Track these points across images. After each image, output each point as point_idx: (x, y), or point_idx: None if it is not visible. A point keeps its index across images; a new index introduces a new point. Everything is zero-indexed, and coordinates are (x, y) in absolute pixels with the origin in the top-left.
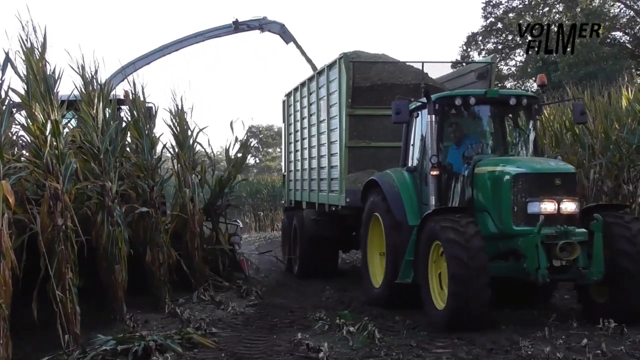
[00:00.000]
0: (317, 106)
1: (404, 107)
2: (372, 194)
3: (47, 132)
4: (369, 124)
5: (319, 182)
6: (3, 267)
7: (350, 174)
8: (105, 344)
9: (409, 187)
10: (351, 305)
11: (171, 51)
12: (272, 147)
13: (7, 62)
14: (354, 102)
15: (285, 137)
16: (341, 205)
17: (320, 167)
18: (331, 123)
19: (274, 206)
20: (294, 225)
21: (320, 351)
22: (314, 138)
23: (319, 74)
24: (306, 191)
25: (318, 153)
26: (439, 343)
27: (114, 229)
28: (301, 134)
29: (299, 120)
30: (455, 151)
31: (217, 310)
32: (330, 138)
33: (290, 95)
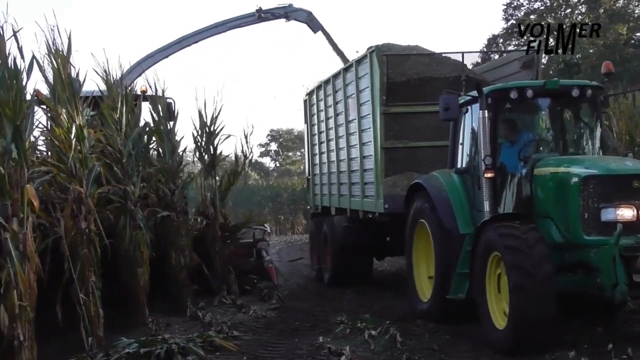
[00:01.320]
0: (344, 105)
1: (453, 102)
2: (417, 199)
3: (72, 136)
4: (406, 122)
5: (350, 187)
6: (28, 271)
7: (387, 177)
8: (128, 346)
9: (459, 190)
10: (372, 308)
11: (190, 43)
12: (292, 150)
13: (33, 65)
14: (388, 99)
15: (308, 138)
16: (378, 213)
17: (351, 170)
18: (362, 123)
19: (294, 210)
20: (324, 232)
21: (342, 355)
22: (342, 139)
23: (345, 70)
24: (335, 196)
25: (348, 155)
26: (461, 347)
27: (136, 233)
28: (326, 135)
29: (323, 120)
30: (509, 150)
31: (238, 314)
32: (362, 139)
33: (313, 93)
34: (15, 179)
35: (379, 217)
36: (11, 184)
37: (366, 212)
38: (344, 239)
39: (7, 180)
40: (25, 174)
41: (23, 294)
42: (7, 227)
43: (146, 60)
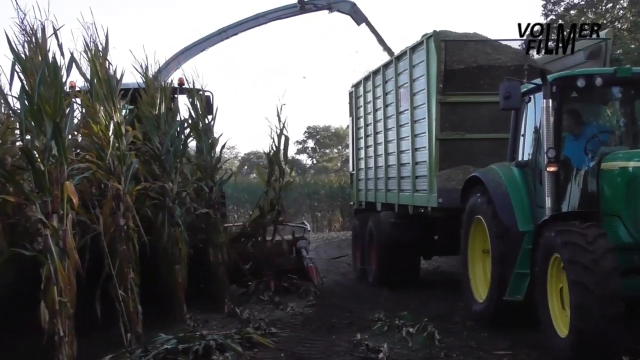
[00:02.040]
0: (395, 95)
1: (514, 90)
2: (474, 193)
3: (110, 133)
4: (463, 112)
5: (399, 181)
6: (67, 267)
7: (441, 170)
8: (167, 342)
9: (519, 185)
10: (410, 306)
11: (230, 35)
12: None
13: (72, 62)
14: (445, 88)
15: (353, 132)
16: (431, 207)
17: (400, 163)
18: (416, 113)
19: (331, 207)
20: (369, 229)
21: (380, 352)
22: (391, 131)
23: (397, 58)
24: (382, 191)
25: (398, 148)
26: (500, 345)
27: (174, 230)
28: (374, 128)
29: (370, 112)
30: (574, 142)
31: (276, 311)
32: (415, 130)
33: (359, 85)
34: (55, 176)
35: (431, 212)
36: (51, 180)
37: (417, 207)
38: (390, 235)
39: (47, 177)
40: (65, 170)
41: (63, 290)
42: (47, 223)
43: (184, 53)
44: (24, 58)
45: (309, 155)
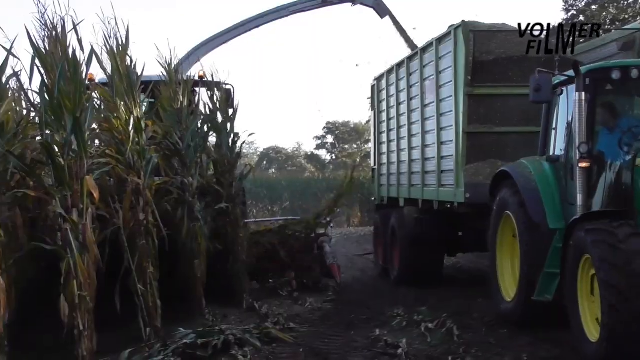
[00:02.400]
0: (420, 88)
1: (546, 82)
2: (503, 189)
3: (130, 128)
4: (492, 105)
5: (424, 176)
6: (87, 261)
7: (468, 165)
8: (186, 337)
9: (550, 180)
10: (428, 302)
11: (251, 27)
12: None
13: (92, 57)
14: (473, 80)
15: (375, 126)
16: (458, 203)
17: (425, 158)
18: (442, 106)
19: (350, 202)
20: (392, 225)
21: (399, 347)
22: (415, 125)
23: (423, 50)
24: (405, 186)
25: (422, 142)
26: (519, 341)
27: (193, 225)
28: (397, 122)
29: (394, 106)
30: (608, 137)
31: (294, 306)
32: (441, 124)
33: (382, 78)
34: (75, 171)
35: (457, 208)
36: (71, 175)
37: (443, 202)
38: (414, 232)
39: (67, 171)
40: (85, 165)
41: (83, 284)
42: (67, 218)
43: (204, 46)
44: (44, 53)
45: (328, 150)
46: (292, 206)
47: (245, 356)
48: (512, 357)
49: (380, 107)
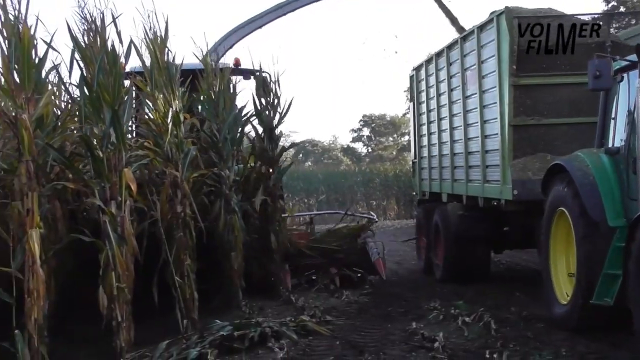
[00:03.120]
0: (461, 78)
1: (606, 68)
2: (557, 184)
3: (169, 121)
4: (539, 96)
5: (467, 171)
6: (125, 253)
7: (515, 159)
8: (223, 329)
9: (609, 174)
10: (465, 295)
11: (287, 11)
12: (385, 136)
13: (131, 50)
14: (519, 70)
15: (414, 118)
16: (505, 200)
17: (468, 152)
18: (485, 97)
19: (386, 195)
20: (435, 221)
21: (436, 341)
22: (457, 117)
23: (463, 39)
24: (448, 181)
25: (465, 135)
26: (557, 336)
27: (230, 217)
28: (437, 114)
29: (433, 97)
30: None
31: (331, 299)
32: (484, 116)
33: (421, 68)
34: (113, 163)
35: (504, 205)
36: (109, 167)
37: (488, 199)
38: (459, 229)
39: (106, 164)
40: (123, 157)
41: (121, 276)
42: (106, 210)
43: (238, 31)
44: (83, 46)
45: (364, 143)
46: (327, 199)
47: (281, 348)
48: (550, 351)
49: (420, 98)
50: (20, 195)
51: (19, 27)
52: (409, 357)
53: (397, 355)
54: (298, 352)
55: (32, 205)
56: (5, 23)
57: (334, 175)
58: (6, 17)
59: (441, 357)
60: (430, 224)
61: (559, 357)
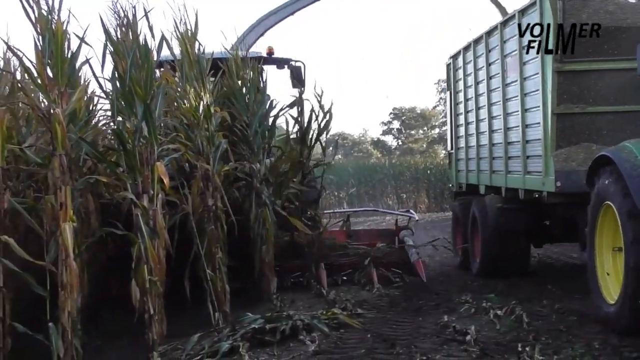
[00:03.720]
0: (501, 65)
1: None
2: (603, 175)
3: (200, 114)
4: (585, 82)
5: (507, 162)
6: (157, 246)
7: (558, 150)
8: (254, 322)
9: None
10: (497, 288)
11: None
12: (415, 128)
13: (162, 44)
14: (564, 55)
15: (451, 107)
16: (547, 192)
17: (507, 142)
18: (526, 85)
19: (417, 188)
20: (473, 214)
21: (467, 334)
22: (496, 106)
23: (503, 24)
24: (486, 173)
25: (504, 125)
26: (590, 329)
27: (261, 210)
28: (475, 103)
29: (471, 85)
30: None
31: (362, 292)
32: (526, 104)
33: (458, 56)
34: (145, 157)
35: (547, 198)
36: (142, 161)
37: (529, 191)
38: (498, 223)
39: (138, 157)
40: (155, 151)
41: (153, 269)
42: (138, 203)
43: (269, 17)
44: (115, 41)
45: (394, 136)
46: (358, 192)
47: (313, 341)
48: (583, 344)
49: (457, 87)
50: (53, 189)
51: (52, 22)
52: (440, 350)
53: (428, 349)
54: (329, 345)
55: (65, 199)
56: (39, 18)
57: (364, 169)
58: (40, 11)
59: (473, 350)
60: (467, 218)
61: (592, 350)
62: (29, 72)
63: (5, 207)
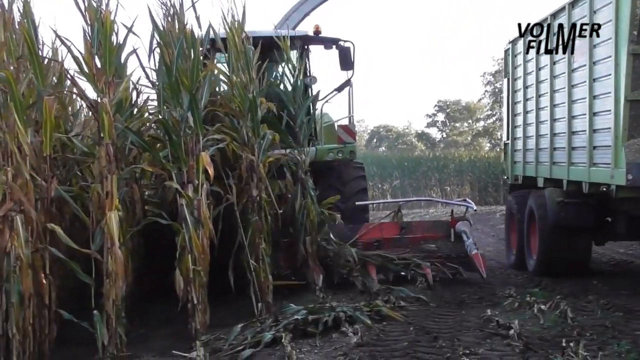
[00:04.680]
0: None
1: None
2: None
3: (246, 105)
4: None
5: (570, 153)
6: (202, 236)
7: (630, 140)
8: (297, 313)
9: None
10: (541, 283)
11: None
12: (459, 121)
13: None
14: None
15: (509, 95)
16: (616, 185)
17: (572, 131)
18: (596, 70)
19: (461, 181)
20: (530, 209)
21: (511, 328)
22: (559, 93)
23: (572, 4)
24: (545, 164)
25: (569, 113)
26: (635, 325)
27: (305, 201)
28: (536, 90)
29: (532, 71)
30: None
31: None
32: (594, 90)
33: (518, 41)
34: (190, 147)
35: (616, 192)
36: (187, 151)
37: (595, 184)
38: (558, 218)
39: (183, 147)
40: (201, 141)
41: (197, 259)
42: (183, 193)
43: None
44: (162, 31)
45: (438, 128)
46: (401, 184)
47: (355, 333)
48: (629, 341)
49: (516, 73)
50: (99, 178)
51: (101, 12)
52: (483, 344)
53: (471, 342)
54: (372, 337)
55: (111, 188)
56: (89, 8)
57: (408, 161)
58: (89, 2)
59: (516, 344)
60: (523, 212)
61: (638, 346)
62: (78, 62)
63: (52, 195)
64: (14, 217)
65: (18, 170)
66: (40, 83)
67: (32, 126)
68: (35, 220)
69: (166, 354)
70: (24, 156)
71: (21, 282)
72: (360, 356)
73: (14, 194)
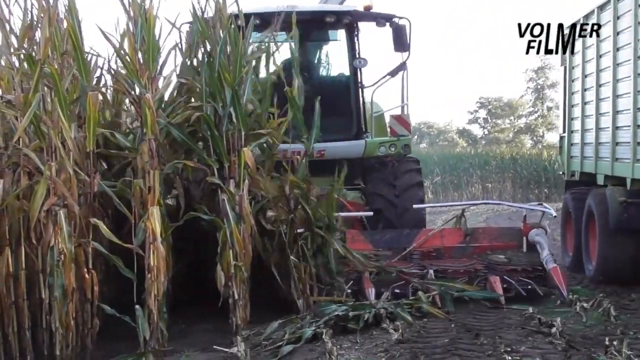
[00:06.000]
0: (634, 35)
1: None
2: None
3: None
4: None
5: (635, 148)
6: (243, 231)
7: None
8: (337, 309)
9: None
10: (584, 281)
11: None
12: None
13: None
14: None
15: (567, 85)
16: None
17: (637, 124)
18: None
19: (502, 178)
20: (588, 209)
21: (553, 326)
22: (623, 83)
23: None
24: (606, 160)
25: (635, 104)
26: None
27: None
28: (597, 79)
29: (592, 59)
30: None
31: None
32: None
33: (576, 26)
34: (232, 142)
35: None
36: (229, 147)
37: None
38: (620, 219)
39: (225, 143)
40: (242, 137)
41: (238, 254)
42: (225, 188)
43: None
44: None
45: (480, 125)
46: (442, 181)
47: (396, 330)
48: None
49: (574, 61)
50: (142, 173)
51: (144, 8)
52: (525, 342)
53: (513, 340)
54: (413, 334)
55: (154, 183)
56: (133, 3)
57: (449, 158)
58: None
59: (558, 342)
60: (580, 212)
61: None
62: (122, 58)
63: (96, 190)
64: (57, 212)
65: (62, 165)
66: (84, 78)
67: (76, 121)
68: (78, 215)
69: (207, 349)
70: (68, 151)
71: (64, 277)
72: (401, 353)
73: (58, 189)
